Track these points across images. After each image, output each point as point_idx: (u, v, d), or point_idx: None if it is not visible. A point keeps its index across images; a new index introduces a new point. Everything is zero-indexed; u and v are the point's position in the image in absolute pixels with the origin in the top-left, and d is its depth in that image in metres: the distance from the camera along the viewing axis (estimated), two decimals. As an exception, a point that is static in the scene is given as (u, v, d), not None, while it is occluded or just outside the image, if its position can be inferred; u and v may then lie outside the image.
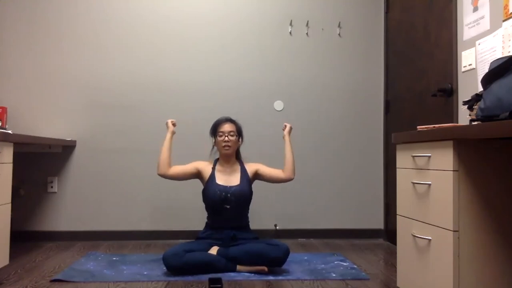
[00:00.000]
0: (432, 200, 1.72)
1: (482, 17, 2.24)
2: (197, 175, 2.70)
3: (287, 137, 2.77)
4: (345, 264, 2.61)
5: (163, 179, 2.69)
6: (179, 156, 3.33)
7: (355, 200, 3.49)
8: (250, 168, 2.72)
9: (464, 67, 2.39)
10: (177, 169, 2.66)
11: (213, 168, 2.68)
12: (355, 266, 2.56)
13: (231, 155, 2.70)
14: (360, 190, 3.49)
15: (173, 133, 2.73)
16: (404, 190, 1.96)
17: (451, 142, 1.60)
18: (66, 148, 3.33)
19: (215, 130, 2.70)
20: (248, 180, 2.68)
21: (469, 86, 2.33)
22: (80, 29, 3.39)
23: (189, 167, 2.69)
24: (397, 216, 2.02)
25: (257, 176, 2.73)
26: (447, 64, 2.56)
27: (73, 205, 3.32)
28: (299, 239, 3.38)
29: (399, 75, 3.26)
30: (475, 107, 1.75)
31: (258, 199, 2.90)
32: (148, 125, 3.38)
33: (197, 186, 2.76)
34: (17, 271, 2.40)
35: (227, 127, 2.66)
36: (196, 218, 3.20)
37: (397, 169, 2.03)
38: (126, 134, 3.38)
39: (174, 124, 2.75)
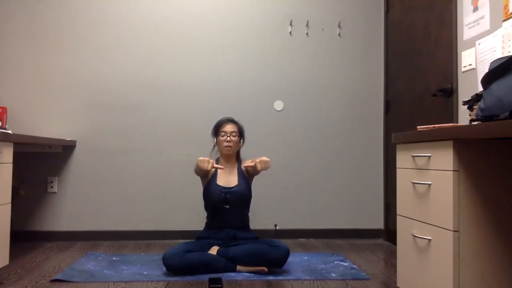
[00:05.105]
0: (432, 200, 1.72)
1: (482, 17, 2.24)
2: (208, 172, 2.64)
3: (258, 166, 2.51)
4: (345, 264, 2.61)
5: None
6: (179, 156, 3.36)
7: (355, 200, 3.49)
8: (244, 166, 2.70)
9: (464, 67, 2.39)
10: None
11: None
12: (355, 266, 2.56)
13: (232, 156, 2.70)
14: (360, 190, 3.49)
15: (209, 170, 2.56)
16: (404, 190, 1.96)
17: (451, 142, 1.60)
18: (66, 148, 3.33)
19: (217, 130, 2.70)
20: (245, 179, 2.67)
21: (469, 86, 2.33)
22: (80, 29, 3.39)
23: None
24: (397, 216, 2.02)
25: (247, 172, 2.68)
26: (447, 64, 2.56)
27: (73, 205, 3.32)
28: (299, 239, 3.38)
29: (399, 75, 3.26)
30: (475, 107, 1.75)
31: (258, 199, 2.90)
32: (148, 125, 3.38)
33: (197, 186, 2.76)
34: (17, 271, 2.40)
35: (229, 128, 2.66)
36: (196, 218, 3.21)
37: (397, 169, 2.03)
38: (126, 134, 3.38)
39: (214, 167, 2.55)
